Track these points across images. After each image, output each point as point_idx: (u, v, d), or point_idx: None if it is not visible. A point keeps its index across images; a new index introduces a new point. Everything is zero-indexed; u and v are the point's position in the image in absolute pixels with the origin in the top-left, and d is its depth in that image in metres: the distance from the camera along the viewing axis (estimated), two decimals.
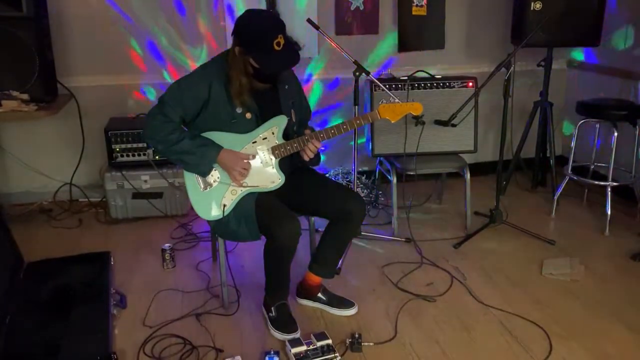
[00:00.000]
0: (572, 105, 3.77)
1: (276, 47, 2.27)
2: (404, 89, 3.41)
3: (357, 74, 3.04)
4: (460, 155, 3.56)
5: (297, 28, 3.38)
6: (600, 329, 2.55)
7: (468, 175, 3.44)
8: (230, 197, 2.48)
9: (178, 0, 3.75)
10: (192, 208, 2.55)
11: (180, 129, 2.41)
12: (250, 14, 2.37)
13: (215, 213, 2.48)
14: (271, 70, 2.40)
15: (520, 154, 4.12)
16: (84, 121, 3.78)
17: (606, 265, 3.13)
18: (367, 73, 3.04)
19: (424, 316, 2.67)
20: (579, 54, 4.35)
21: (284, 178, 2.51)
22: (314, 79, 4.07)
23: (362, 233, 3.42)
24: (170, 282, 2.96)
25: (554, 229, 3.63)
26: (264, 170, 2.50)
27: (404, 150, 3.32)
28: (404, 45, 4.09)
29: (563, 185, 3.75)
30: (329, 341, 2.37)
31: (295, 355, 2.31)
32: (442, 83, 3.48)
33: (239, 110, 2.41)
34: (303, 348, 2.33)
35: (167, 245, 3.13)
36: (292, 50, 2.35)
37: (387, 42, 4.11)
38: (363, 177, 4.08)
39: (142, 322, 2.60)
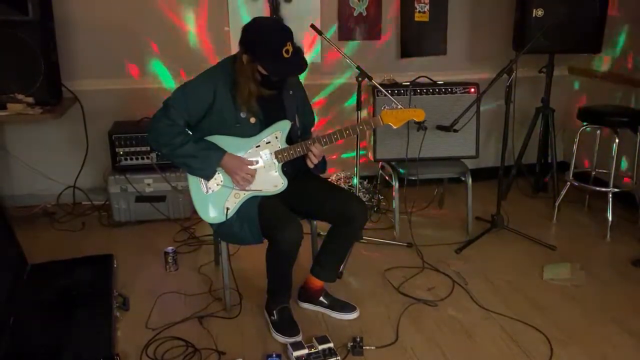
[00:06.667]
0: (573, 111, 3.78)
1: (285, 55, 2.29)
2: (406, 95, 3.43)
3: (360, 79, 3.06)
4: (462, 160, 3.57)
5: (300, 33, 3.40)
6: (601, 334, 2.56)
7: (470, 181, 3.45)
8: (233, 200, 2.49)
9: (182, 4, 3.77)
10: (194, 211, 2.56)
11: (185, 132, 2.43)
12: (257, 22, 2.39)
13: (218, 216, 2.50)
14: (281, 77, 2.42)
15: (522, 159, 4.14)
16: (88, 124, 3.80)
17: (607, 270, 3.14)
18: (370, 78, 3.06)
19: (425, 320, 2.67)
20: (580, 61, 4.37)
21: (286, 182, 2.52)
22: (316, 84, 4.09)
23: (364, 237, 3.43)
24: (172, 285, 2.97)
25: (555, 234, 3.64)
26: (267, 174, 2.51)
27: (406, 155, 3.34)
28: (406, 51, 4.11)
29: (564, 191, 3.76)
30: (331, 345, 2.38)
31: (297, 358, 2.32)
32: (444, 89, 3.50)
33: (243, 114, 2.43)
34: (305, 351, 2.34)
35: (169, 248, 3.14)
36: (301, 57, 2.38)
37: (389, 48, 4.13)
38: (365, 182, 4.10)
39: (144, 324, 2.61)
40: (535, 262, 3.21)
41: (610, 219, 3.48)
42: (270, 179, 2.52)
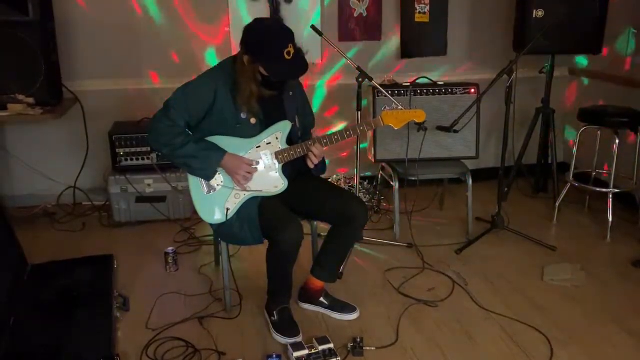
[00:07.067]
0: (573, 112, 3.78)
1: (286, 57, 2.30)
2: (407, 95, 3.43)
3: (360, 80, 3.06)
4: (462, 161, 3.57)
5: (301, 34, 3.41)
6: (601, 335, 2.56)
7: (470, 181, 3.45)
8: (234, 200, 2.49)
9: (183, 5, 3.78)
10: (195, 212, 2.57)
11: (185, 133, 2.43)
12: (259, 23, 2.39)
13: (218, 217, 2.50)
14: (281, 79, 2.43)
15: (522, 160, 4.14)
16: (88, 125, 3.80)
17: (607, 271, 3.14)
18: (370, 79, 3.06)
19: (425, 321, 2.68)
20: (580, 61, 4.37)
21: (287, 183, 2.53)
22: (316, 84, 4.09)
23: (364, 238, 3.43)
24: (173, 285, 2.98)
25: (556, 235, 3.64)
26: (268, 174, 2.52)
27: (406, 156, 3.34)
28: (406, 52, 4.11)
29: (565, 191, 3.76)
30: (331, 345, 2.38)
31: (297, 359, 2.32)
32: (445, 89, 3.50)
33: (243, 115, 2.43)
34: (305, 352, 2.34)
35: (170, 248, 3.14)
36: (302, 59, 2.38)
37: (390, 49, 4.13)
38: (365, 183, 4.10)
39: (145, 325, 2.61)
40: (536, 263, 3.21)
41: (610, 219, 3.48)
42: (270, 179, 2.52)
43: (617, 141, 3.47)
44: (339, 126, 4.16)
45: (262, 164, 2.51)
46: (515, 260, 3.27)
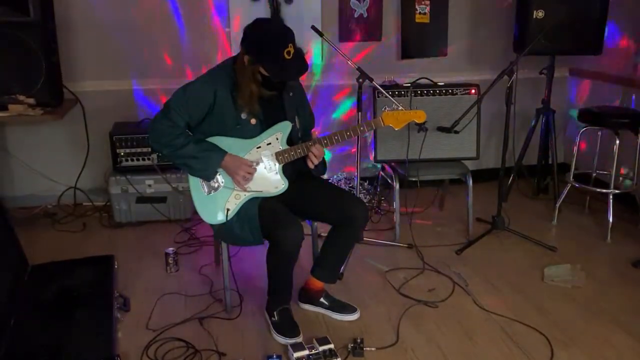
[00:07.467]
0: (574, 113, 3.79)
1: (286, 57, 2.30)
2: (407, 96, 3.43)
3: (361, 80, 3.07)
4: (463, 162, 3.57)
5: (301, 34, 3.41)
6: (601, 335, 2.56)
7: (470, 182, 3.45)
8: (234, 201, 2.49)
9: (183, 5, 3.78)
10: (195, 212, 2.57)
11: (186, 133, 2.44)
12: (259, 23, 2.39)
13: (218, 217, 2.50)
14: (282, 79, 2.43)
15: (522, 161, 4.14)
16: (89, 126, 3.81)
17: (607, 272, 3.14)
18: (371, 80, 3.06)
19: (425, 322, 2.68)
20: (581, 62, 4.37)
21: (287, 183, 2.53)
22: (317, 85, 4.10)
23: (365, 238, 3.43)
24: (173, 286, 2.98)
25: (556, 235, 3.64)
26: (268, 175, 2.52)
27: (407, 157, 3.34)
28: (407, 52, 4.11)
29: (565, 192, 3.76)
30: (331, 346, 2.38)
31: (298, 359, 2.32)
32: (445, 90, 3.50)
33: (243, 116, 2.44)
34: (305, 352, 2.34)
35: (170, 249, 3.15)
36: (302, 59, 2.38)
37: (390, 49, 4.13)
38: (365, 183, 4.10)
39: (145, 325, 2.62)
40: (536, 263, 3.21)
41: (610, 220, 3.48)
42: (270, 180, 2.52)
43: (618, 142, 3.47)
44: (339, 127, 4.15)
45: (263, 165, 2.51)
46: (515, 260, 3.27)
